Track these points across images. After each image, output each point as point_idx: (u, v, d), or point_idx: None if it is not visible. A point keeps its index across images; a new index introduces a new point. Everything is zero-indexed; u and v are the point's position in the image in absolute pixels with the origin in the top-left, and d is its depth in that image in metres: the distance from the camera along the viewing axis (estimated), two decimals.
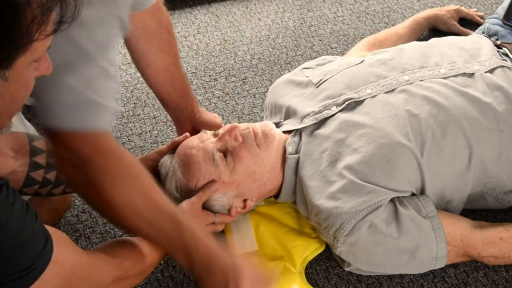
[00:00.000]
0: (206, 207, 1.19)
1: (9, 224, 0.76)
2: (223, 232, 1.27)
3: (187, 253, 0.95)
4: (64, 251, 0.85)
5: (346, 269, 1.22)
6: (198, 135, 1.22)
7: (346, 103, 1.25)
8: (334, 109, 1.25)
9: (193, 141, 1.20)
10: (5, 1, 0.63)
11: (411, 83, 1.26)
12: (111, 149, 0.94)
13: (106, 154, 0.92)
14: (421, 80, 1.26)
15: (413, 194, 1.20)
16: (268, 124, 1.25)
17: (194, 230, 0.97)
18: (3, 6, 0.63)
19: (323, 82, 1.33)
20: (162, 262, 1.12)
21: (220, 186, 1.17)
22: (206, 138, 1.20)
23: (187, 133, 1.28)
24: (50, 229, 0.84)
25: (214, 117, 1.42)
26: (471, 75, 1.28)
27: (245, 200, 1.22)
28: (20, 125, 1.21)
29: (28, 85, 0.75)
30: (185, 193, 1.18)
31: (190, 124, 1.36)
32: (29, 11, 0.64)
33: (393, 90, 1.25)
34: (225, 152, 1.18)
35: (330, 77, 1.33)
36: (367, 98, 1.24)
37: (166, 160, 1.22)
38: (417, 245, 1.15)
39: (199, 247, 0.95)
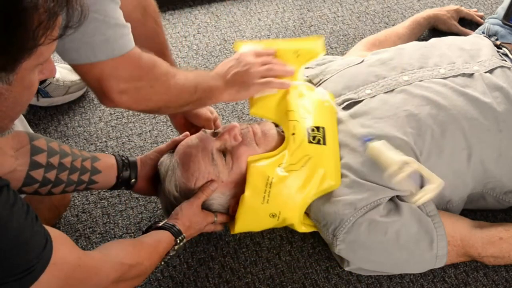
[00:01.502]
0: (205, 206, 1.19)
1: (9, 225, 0.76)
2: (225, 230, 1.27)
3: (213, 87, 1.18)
4: (63, 252, 0.84)
5: (346, 268, 1.22)
6: (198, 134, 1.22)
7: (346, 103, 1.25)
8: None
9: (192, 140, 1.20)
10: (12, 5, 0.63)
11: (410, 84, 1.26)
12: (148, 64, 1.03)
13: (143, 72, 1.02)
14: (420, 81, 1.26)
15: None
16: (267, 124, 1.25)
17: (207, 79, 1.19)
18: (11, 11, 0.63)
19: (322, 82, 1.33)
20: (162, 262, 1.12)
21: (218, 186, 1.17)
22: (206, 138, 1.20)
23: (187, 132, 1.28)
24: (50, 229, 0.84)
25: (207, 110, 1.39)
26: (470, 75, 1.28)
27: None
28: (20, 124, 1.21)
29: (32, 88, 0.75)
30: (185, 192, 1.18)
31: (182, 115, 1.34)
32: (36, 16, 0.65)
33: (393, 90, 1.25)
34: (224, 152, 1.18)
35: (330, 77, 1.33)
36: (366, 99, 1.25)
37: (165, 159, 1.22)
38: (417, 242, 1.15)
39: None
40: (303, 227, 1.22)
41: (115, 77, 0.99)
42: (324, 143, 1.18)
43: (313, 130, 1.19)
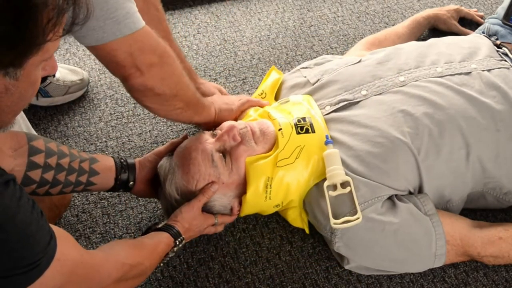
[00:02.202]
0: (207, 208, 1.19)
1: (16, 217, 0.76)
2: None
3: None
4: (66, 249, 0.85)
5: (346, 267, 1.22)
6: (196, 135, 1.22)
7: (341, 104, 1.25)
8: (328, 109, 1.26)
9: (191, 142, 1.20)
10: (23, 2, 0.65)
11: (407, 84, 1.26)
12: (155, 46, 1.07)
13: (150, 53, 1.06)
14: (416, 80, 1.26)
15: (410, 193, 1.20)
16: (265, 122, 1.24)
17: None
18: (22, 7, 0.65)
19: (319, 82, 1.33)
20: (161, 263, 1.11)
21: (219, 187, 1.17)
22: (205, 139, 1.19)
23: (186, 133, 1.29)
24: (53, 227, 0.84)
25: (214, 88, 1.42)
26: (468, 73, 1.28)
27: None
28: (23, 122, 1.21)
29: (36, 84, 0.76)
30: (186, 195, 1.17)
31: None
32: (45, 13, 0.67)
33: (389, 91, 1.25)
34: (224, 152, 1.18)
35: (327, 76, 1.33)
36: (362, 100, 1.25)
37: (165, 162, 1.21)
38: (415, 240, 1.15)
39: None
40: (298, 219, 1.25)
41: (144, 50, 1.04)
42: (313, 131, 1.20)
43: (299, 121, 1.21)
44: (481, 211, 1.32)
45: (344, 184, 1.13)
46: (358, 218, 1.11)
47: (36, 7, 0.66)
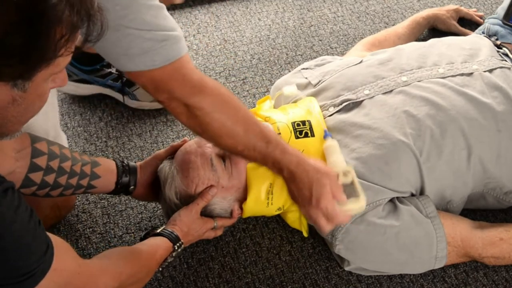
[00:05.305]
0: (207, 211, 1.18)
1: (13, 226, 0.76)
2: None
3: (277, 164, 1.10)
4: (63, 259, 0.84)
5: (346, 268, 1.22)
6: (196, 139, 1.21)
7: (344, 104, 1.25)
8: (332, 110, 1.26)
9: (191, 146, 1.18)
10: (37, 16, 0.65)
11: (409, 84, 1.26)
12: (196, 81, 1.01)
13: (194, 87, 1.00)
14: (419, 81, 1.26)
15: (412, 195, 1.20)
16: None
17: (281, 144, 1.10)
18: (35, 21, 0.65)
19: (321, 83, 1.33)
20: (160, 268, 1.11)
21: (218, 191, 1.16)
22: (204, 143, 1.18)
23: (186, 138, 1.28)
24: (52, 236, 0.84)
25: None
26: (469, 74, 1.27)
27: None
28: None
29: (44, 96, 0.77)
30: (185, 199, 1.17)
31: None
32: (59, 28, 0.67)
33: (391, 91, 1.25)
34: (223, 157, 1.18)
35: (329, 78, 1.33)
36: (365, 99, 1.25)
37: (165, 165, 1.20)
38: (416, 243, 1.15)
39: (287, 158, 1.09)
40: (297, 222, 1.25)
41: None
42: (313, 135, 1.20)
43: (298, 125, 1.20)
44: (481, 211, 1.32)
45: (346, 174, 1.12)
46: (361, 206, 1.10)
47: (49, 22, 0.66)
